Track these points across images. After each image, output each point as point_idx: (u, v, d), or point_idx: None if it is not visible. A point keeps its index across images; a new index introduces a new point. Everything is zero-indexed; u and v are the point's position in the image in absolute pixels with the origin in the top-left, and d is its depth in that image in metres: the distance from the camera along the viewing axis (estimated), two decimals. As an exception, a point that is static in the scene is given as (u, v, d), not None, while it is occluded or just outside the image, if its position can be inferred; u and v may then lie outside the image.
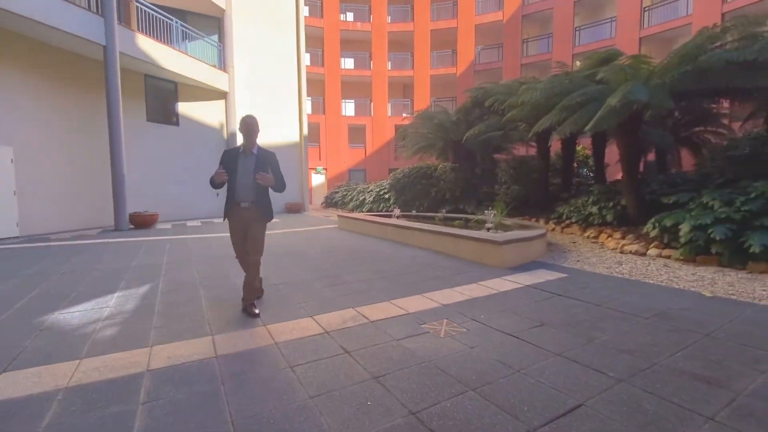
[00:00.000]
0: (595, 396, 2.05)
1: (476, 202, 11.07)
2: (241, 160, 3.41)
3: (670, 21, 16.95)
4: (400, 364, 2.44)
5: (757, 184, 4.98)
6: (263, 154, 3.48)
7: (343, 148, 23.56)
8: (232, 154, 3.46)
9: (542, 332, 2.94)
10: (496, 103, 8.99)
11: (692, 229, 5.01)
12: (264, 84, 15.65)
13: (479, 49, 23.05)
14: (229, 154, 3.48)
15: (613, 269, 5.06)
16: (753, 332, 2.87)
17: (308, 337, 2.89)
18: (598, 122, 5.68)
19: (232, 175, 3.39)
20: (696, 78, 5.75)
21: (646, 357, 2.50)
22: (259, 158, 3.43)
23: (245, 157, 3.42)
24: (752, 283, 4.17)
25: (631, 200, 7.18)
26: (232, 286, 4.33)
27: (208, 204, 13.92)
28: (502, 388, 2.14)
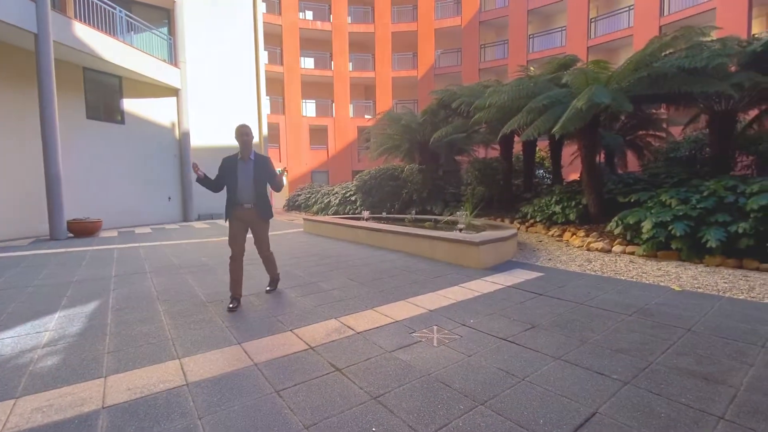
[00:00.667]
0: (606, 402, 1.98)
1: (443, 204, 11.14)
2: (240, 166, 3.70)
3: (613, 32, 18.20)
4: (398, 379, 2.25)
5: (709, 183, 5.35)
6: (259, 159, 3.78)
7: (305, 149, 22.97)
8: (230, 160, 3.74)
9: (535, 335, 2.88)
10: (462, 105, 9.08)
11: (654, 226, 5.28)
12: (220, 82, 14.83)
13: (439, 52, 23.46)
14: (228, 160, 3.75)
15: (585, 267, 5.20)
16: (728, 325, 2.99)
17: (292, 354, 2.62)
18: (565, 124, 5.85)
19: (233, 180, 3.67)
20: (650, 83, 6.09)
21: (641, 356, 2.50)
22: (256, 164, 3.74)
23: (243, 163, 3.71)
24: (713, 276, 4.44)
25: (591, 199, 7.50)
26: (196, 299, 3.92)
27: (159, 209, 12.91)
28: (512, 399, 2.02)
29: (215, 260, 6.05)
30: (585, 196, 7.67)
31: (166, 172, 13.11)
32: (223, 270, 5.29)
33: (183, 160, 13.52)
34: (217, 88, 14.80)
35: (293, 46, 22.20)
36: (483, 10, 22.36)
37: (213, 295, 4.07)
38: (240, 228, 3.76)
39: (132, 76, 11.64)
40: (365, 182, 11.93)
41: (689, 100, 7.01)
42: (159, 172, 12.89)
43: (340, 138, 23.38)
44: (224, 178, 3.70)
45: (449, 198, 11.30)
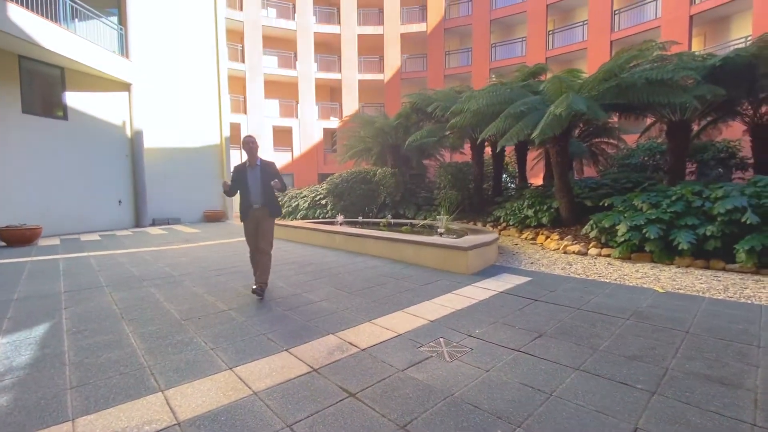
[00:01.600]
0: (642, 415, 1.91)
1: (416, 207, 11.10)
2: (249, 173, 4.15)
3: (569, 45, 19.26)
4: (421, 403, 2.06)
5: (676, 188, 5.67)
6: (265, 164, 4.23)
7: (268, 151, 22.11)
8: (240, 168, 4.21)
9: (546, 344, 2.80)
10: (437, 110, 9.10)
11: (629, 230, 5.50)
12: (177, 77, 13.89)
13: (405, 57, 23.61)
14: (238, 169, 4.23)
15: (568, 270, 5.30)
16: (721, 326, 3.09)
17: (295, 379, 2.34)
18: (544, 129, 5.97)
19: (245, 185, 4.14)
20: (618, 93, 6.39)
21: (655, 362, 2.49)
22: (263, 169, 4.17)
23: (252, 169, 4.16)
24: (688, 277, 4.66)
25: (563, 203, 7.75)
26: (169, 316, 3.48)
27: (107, 214, 11.80)
28: (548, 419, 1.90)
29: (180, 270, 5.53)
30: (557, 201, 7.90)
31: (115, 174, 12.00)
32: (192, 282, 4.82)
33: (135, 160, 12.46)
34: (174, 84, 13.84)
35: (256, 44, 21.37)
36: (447, 17, 22.83)
37: (187, 311, 3.65)
38: (252, 227, 4.22)
39: (76, 67, 10.54)
40: (336, 185, 11.63)
41: (650, 110, 7.44)
42: (108, 174, 11.78)
43: (305, 140, 22.80)
44: (237, 184, 4.18)
45: (421, 202, 11.28)
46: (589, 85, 6.82)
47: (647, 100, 5.94)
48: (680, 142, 7.42)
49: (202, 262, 6.23)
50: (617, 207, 6.26)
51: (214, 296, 4.15)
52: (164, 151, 13.66)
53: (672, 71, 5.70)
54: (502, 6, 21.35)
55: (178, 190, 13.99)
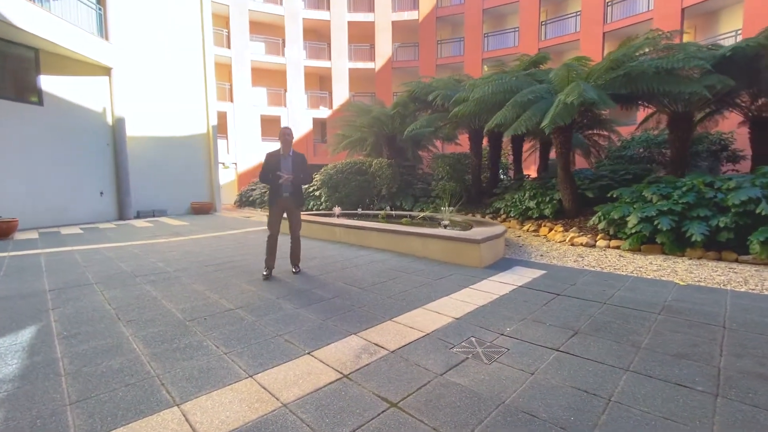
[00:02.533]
0: (716, 421, 1.76)
1: (413, 199, 10.90)
2: (282, 162, 4.38)
3: (562, 36, 19.19)
4: (473, 413, 1.86)
5: (685, 180, 5.62)
6: (296, 156, 4.50)
7: (256, 140, 21.51)
8: (274, 156, 4.42)
9: (584, 342, 2.65)
10: (438, 98, 8.85)
11: (640, 221, 5.42)
12: (160, 62, 13.22)
13: (396, 46, 23.18)
14: (272, 156, 4.43)
15: (580, 262, 5.19)
16: (754, 320, 3.00)
17: (326, 387, 2.11)
18: (554, 118, 5.81)
19: (276, 172, 4.33)
20: (626, 82, 6.27)
21: (704, 360, 2.36)
22: (294, 159, 4.44)
23: (284, 159, 4.39)
24: (704, 269, 4.61)
25: (566, 195, 7.65)
26: (171, 317, 3.20)
27: (89, 206, 11.21)
28: (614, 428, 1.73)
29: (174, 266, 5.20)
30: (559, 192, 7.80)
31: (96, 164, 11.38)
32: (190, 278, 4.52)
33: (117, 149, 11.84)
34: (158, 70, 13.17)
35: (242, 29, 20.58)
36: (440, 5, 22.45)
37: (191, 310, 3.37)
38: (278, 214, 4.51)
39: (52, 49, 9.85)
40: (331, 177, 11.30)
41: (654, 100, 7.37)
42: (88, 164, 11.15)
43: (294, 130, 22.23)
44: (270, 170, 4.36)
45: (419, 193, 11.08)
46: (596, 74, 6.69)
47: (657, 89, 5.84)
48: (682, 133, 7.39)
49: (196, 256, 5.90)
50: (624, 198, 6.18)
51: (217, 293, 3.87)
52: (148, 140, 13.04)
53: (683, 60, 5.60)
54: (495, -5, 21.09)
55: (163, 181, 13.42)
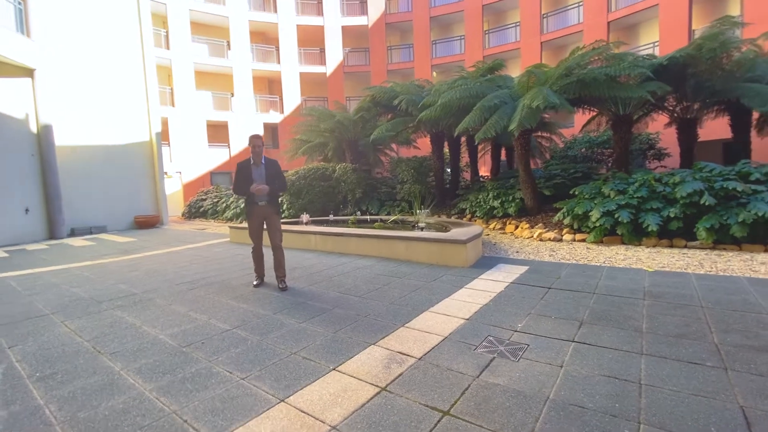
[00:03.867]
0: (736, 392, 1.95)
1: (379, 203, 10.90)
2: (254, 170, 4.22)
3: (504, 45, 20.41)
4: (525, 411, 1.89)
5: (637, 176, 6.21)
6: (269, 163, 4.31)
7: (202, 147, 20.25)
8: (244, 166, 4.26)
9: (593, 332, 2.80)
10: (402, 103, 8.96)
11: (602, 215, 5.89)
12: (94, 63, 11.99)
13: (347, 50, 23.13)
14: (243, 166, 4.26)
15: (555, 256, 5.51)
16: (724, 298, 3.37)
17: (368, 403, 2.02)
18: (522, 121, 6.14)
19: (250, 183, 4.17)
20: (581, 87, 6.80)
21: (701, 339, 2.60)
22: (267, 167, 4.26)
23: (256, 167, 4.24)
24: (661, 255, 5.11)
25: (528, 193, 8.12)
26: (163, 345, 2.88)
27: (11, 225, 9.83)
28: (657, 410, 1.84)
29: (141, 287, 4.71)
30: (521, 191, 8.25)
31: (20, 177, 10.01)
32: (165, 300, 4.12)
33: (44, 159, 10.51)
34: (91, 72, 11.92)
35: (183, 29, 19.30)
36: (388, 12, 22.81)
37: (182, 335, 3.06)
38: (257, 223, 4.33)
39: (-42, 45, 8.52)
40: (293, 183, 10.94)
41: (599, 104, 8.08)
42: (9, 177, 9.77)
43: (244, 135, 21.24)
44: (243, 181, 4.19)
45: (384, 197, 11.12)
46: (552, 80, 7.18)
47: (608, 94, 6.40)
48: (624, 134, 8.16)
49: (162, 275, 5.39)
50: (584, 195, 6.68)
51: (205, 314, 3.56)
52: (83, 150, 11.73)
53: (628, 68, 6.20)
54: (441, 4, 21.88)
55: (101, 194, 12.14)
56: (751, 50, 7.51)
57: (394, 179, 12.75)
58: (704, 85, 7.38)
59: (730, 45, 6.65)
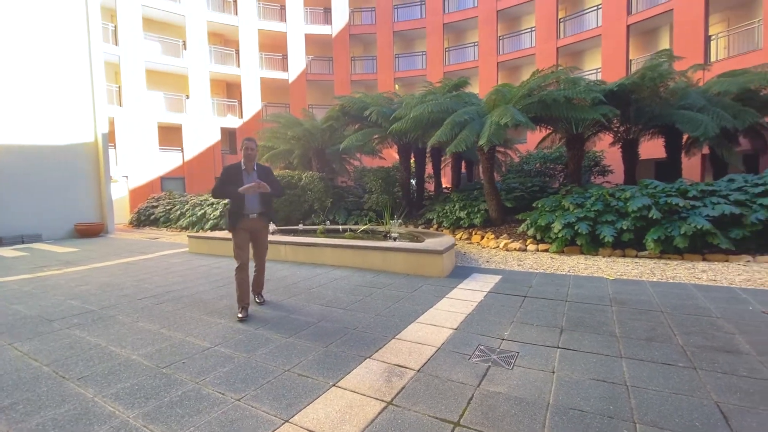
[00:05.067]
0: (708, 389, 2.16)
1: (346, 213, 10.84)
2: (245, 178, 3.71)
3: (463, 63, 21.35)
4: (531, 418, 1.96)
5: (592, 191, 6.74)
6: (262, 169, 3.87)
7: (151, 150, 18.98)
8: (234, 170, 3.74)
9: (575, 338, 2.98)
10: (373, 114, 9.06)
11: (563, 227, 6.30)
12: (29, 55, 10.89)
13: (310, 58, 22.96)
14: (231, 169, 3.75)
15: (523, 266, 5.80)
16: (679, 303, 3.74)
17: (376, 419, 2.00)
18: (490, 137, 6.45)
19: (239, 192, 3.60)
20: (543, 107, 7.29)
21: (667, 341, 2.86)
22: (259, 174, 3.79)
23: (248, 174, 3.74)
24: (617, 264, 5.55)
25: (492, 205, 8.49)
26: (134, 365, 2.65)
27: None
28: (646, 408, 2.00)
29: (98, 303, 4.30)
30: (486, 203, 8.61)
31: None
32: (130, 317, 3.80)
33: (-33, 160, 9.31)
34: (25, 64, 10.80)
35: (133, 24, 18.11)
36: (352, 23, 23.03)
37: (158, 355, 2.83)
38: (246, 238, 3.80)
39: None
40: (256, 191, 10.58)
41: (555, 123, 8.69)
42: None
43: (199, 139, 20.23)
44: (229, 187, 3.65)
45: (351, 206, 11.07)
46: (515, 99, 7.63)
47: (567, 114, 6.92)
48: (577, 151, 8.84)
49: (119, 289, 4.96)
50: (545, 207, 7.11)
51: (180, 331, 3.33)
52: (12, 150, 10.54)
53: (584, 92, 6.77)
54: (404, 20, 22.49)
55: (36, 199, 10.96)
56: (682, 81, 8.50)
57: (359, 188, 12.77)
58: (645, 110, 8.21)
59: (667, 75, 7.48)
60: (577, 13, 18.37)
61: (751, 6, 13.66)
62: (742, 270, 4.96)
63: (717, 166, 9.51)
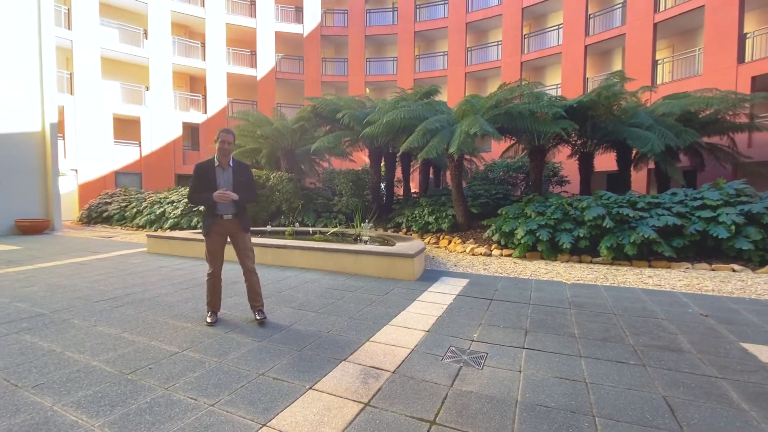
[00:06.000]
0: (656, 385, 2.38)
1: (315, 215, 10.74)
2: (219, 175, 3.39)
3: (433, 71, 21.84)
4: (502, 415, 2.08)
5: (552, 200, 7.14)
6: (238, 166, 3.53)
7: (105, 143, 17.82)
8: (206, 167, 3.42)
9: (538, 339, 3.17)
10: (346, 117, 9.07)
11: (526, 233, 6.63)
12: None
13: (280, 56, 22.55)
14: (203, 168, 3.42)
15: (489, 270, 6.03)
16: (629, 306, 4.06)
17: (355, 420, 2.04)
18: (460, 146, 6.67)
19: (212, 191, 3.33)
20: (509, 119, 7.64)
21: (620, 341, 3.11)
22: (235, 171, 3.46)
23: (223, 172, 3.42)
24: (575, 270, 5.92)
25: (460, 211, 8.77)
26: (94, 371, 2.53)
27: None
28: (605, 403, 2.17)
29: (48, 306, 4.02)
30: (454, 208, 8.87)
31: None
32: (86, 320, 3.60)
33: None
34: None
35: (88, 8, 16.96)
36: (324, 24, 22.90)
37: (121, 361, 2.71)
38: (220, 242, 3.53)
39: None
40: (222, 190, 10.23)
41: (519, 135, 9.12)
42: None
43: (159, 134, 19.25)
44: (201, 187, 3.38)
45: (320, 208, 10.99)
46: (483, 110, 7.95)
47: (531, 127, 7.30)
48: (539, 162, 9.32)
49: (72, 291, 4.65)
50: (509, 214, 7.44)
51: (144, 336, 3.19)
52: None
53: (547, 106, 7.18)
54: (376, 24, 22.67)
55: (-32, 192, 9.97)
56: (633, 101, 9.21)
57: (329, 190, 12.70)
58: (600, 126, 8.82)
59: (620, 95, 8.09)
60: (541, 30, 19.39)
61: (693, 34, 15.06)
62: (683, 276, 5.46)
63: (661, 180, 10.36)
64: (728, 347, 2.98)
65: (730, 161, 10.55)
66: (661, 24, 14.87)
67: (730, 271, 5.62)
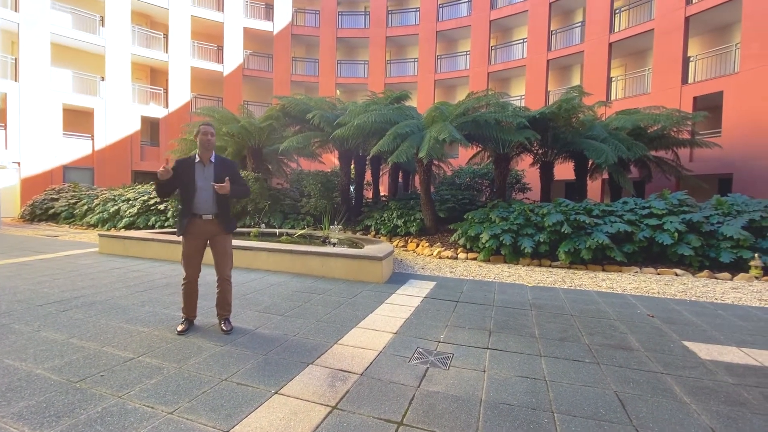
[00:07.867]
0: (608, 382, 2.54)
1: (282, 216, 10.52)
2: (198, 171, 3.16)
3: (403, 76, 22.11)
4: (468, 414, 2.13)
5: (515, 206, 7.42)
6: (221, 162, 3.29)
7: (53, 135, 16.55)
8: (186, 164, 3.18)
9: (501, 339, 3.28)
10: (316, 118, 8.98)
11: (490, 238, 6.84)
12: None
13: (248, 53, 21.98)
14: (183, 164, 3.18)
15: (455, 273, 6.17)
16: (585, 308, 4.29)
17: (322, 424, 2.01)
18: (429, 151, 6.80)
19: (190, 187, 3.13)
20: (476, 127, 7.88)
21: (576, 340, 3.28)
22: (217, 168, 3.22)
23: (203, 167, 3.19)
24: (535, 273, 6.18)
25: (428, 215, 8.91)
26: (38, 379, 2.35)
27: None
28: (563, 399, 2.29)
29: (-15, 310, 3.67)
30: (422, 212, 9.00)
31: None
32: (28, 325, 3.33)
33: None
34: None
35: (36, -10, 15.76)
36: (295, 23, 22.58)
37: (68, 368, 2.53)
38: (197, 246, 3.24)
39: None
40: (183, 188, 9.79)
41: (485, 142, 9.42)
42: None
43: (115, 127, 18.15)
44: (177, 183, 3.14)
45: (288, 210, 10.78)
46: (451, 117, 8.15)
47: (496, 135, 7.57)
48: (503, 169, 9.67)
49: (8, 293, 4.29)
50: (474, 219, 7.66)
51: (93, 341, 2.99)
52: None
53: (512, 116, 7.47)
54: (347, 27, 22.66)
55: None
56: (590, 114, 9.78)
57: (297, 191, 12.50)
58: (560, 137, 9.30)
59: (578, 108, 8.58)
60: (507, 43, 20.18)
61: (644, 55, 16.23)
62: (632, 279, 5.85)
63: (614, 190, 11.06)
64: (672, 345, 3.22)
65: (674, 174, 11.44)
66: (616, 44, 15.92)
67: (673, 275, 6.09)
